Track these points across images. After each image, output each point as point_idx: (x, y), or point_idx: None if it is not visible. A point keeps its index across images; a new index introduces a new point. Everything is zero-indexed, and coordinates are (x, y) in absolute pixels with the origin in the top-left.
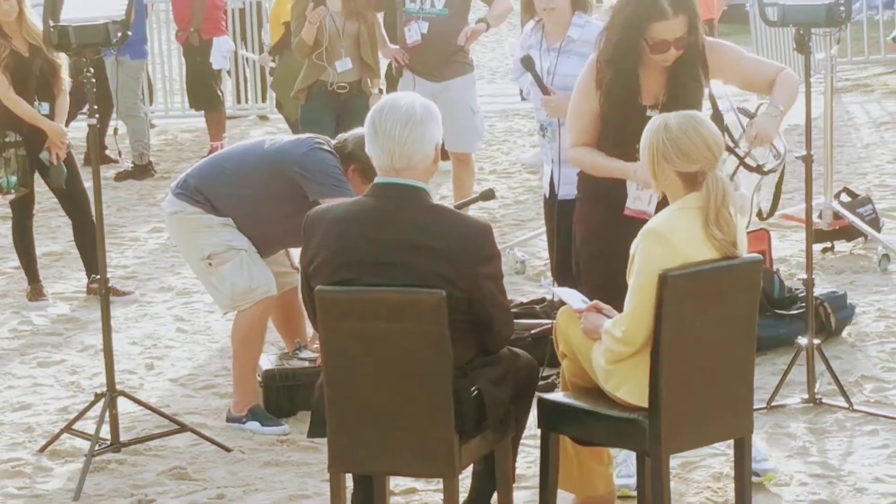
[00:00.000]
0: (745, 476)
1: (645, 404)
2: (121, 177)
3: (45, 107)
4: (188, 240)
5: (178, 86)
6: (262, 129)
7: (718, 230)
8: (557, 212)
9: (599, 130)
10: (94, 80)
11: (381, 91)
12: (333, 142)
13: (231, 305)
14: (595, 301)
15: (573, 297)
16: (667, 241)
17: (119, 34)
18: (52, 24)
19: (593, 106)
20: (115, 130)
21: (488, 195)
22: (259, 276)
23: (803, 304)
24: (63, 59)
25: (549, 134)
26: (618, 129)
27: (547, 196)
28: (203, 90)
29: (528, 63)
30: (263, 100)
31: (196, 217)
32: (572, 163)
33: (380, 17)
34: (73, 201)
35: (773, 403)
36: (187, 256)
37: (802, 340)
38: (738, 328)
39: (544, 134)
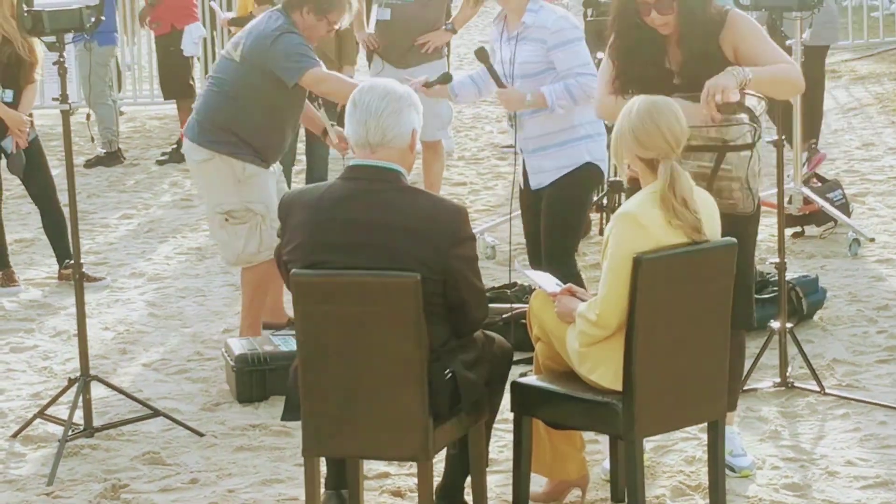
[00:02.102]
0: (718, 459)
1: (619, 387)
2: (90, 163)
3: (9, 94)
4: (212, 188)
5: (148, 73)
6: None
7: (675, 217)
8: (527, 200)
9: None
10: (66, 66)
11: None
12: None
13: (236, 263)
14: (569, 284)
15: (547, 281)
16: (639, 224)
17: (93, 19)
18: (25, 9)
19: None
20: (88, 116)
21: (447, 78)
22: (268, 242)
23: (775, 289)
24: (40, 55)
25: (517, 123)
26: (638, 84)
27: (522, 186)
28: (175, 80)
29: (482, 56)
30: None
31: (227, 166)
32: (602, 115)
33: None
34: (39, 189)
35: (745, 387)
36: (207, 201)
37: (774, 324)
38: (711, 312)
39: (512, 124)
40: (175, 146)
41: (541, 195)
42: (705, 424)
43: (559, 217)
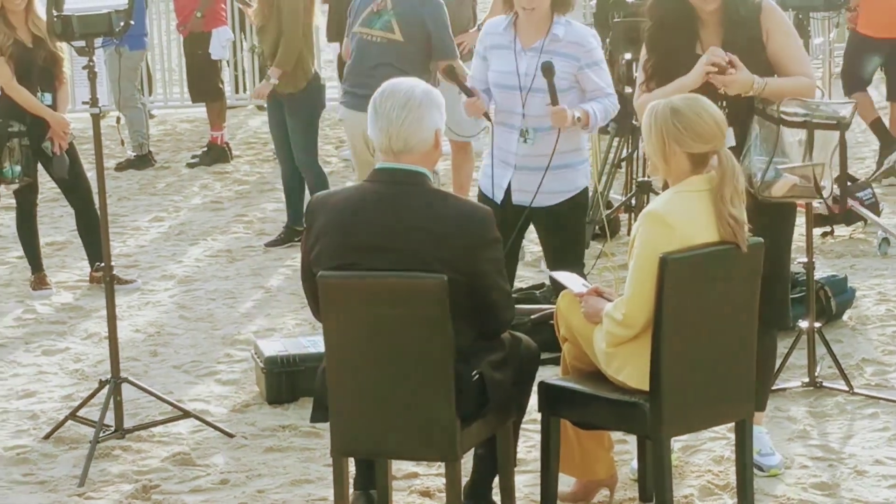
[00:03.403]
0: (746, 459)
1: (646, 387)
2: (121, 167)
3: (48, 97)
4: None
5: (178, 76)
6: (260, 118)
7: (734, 208)
8: (504, 216)
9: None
10: (96, 70)
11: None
12: None
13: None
14: (595, 285)
15: (573, 282)
16: (666, 223)
17: (122, 23)
18: (55, 13)
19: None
20: (118, 119)
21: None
22: None
23: (804, 288)
24: (65, 52)
25: (533, 138)
26: (669, 74)
27: (485, 196)
28: (204, 83)
29: (548, 71)
30: None
31: None
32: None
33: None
34: (76, 191)
35: (773, 387)
36: None
37: (803, 324)
38: (739, 311)
39: (525, 139)
40: (205, 149)
41: (522, 212)
42: (733, 424)
43: (574, 241)
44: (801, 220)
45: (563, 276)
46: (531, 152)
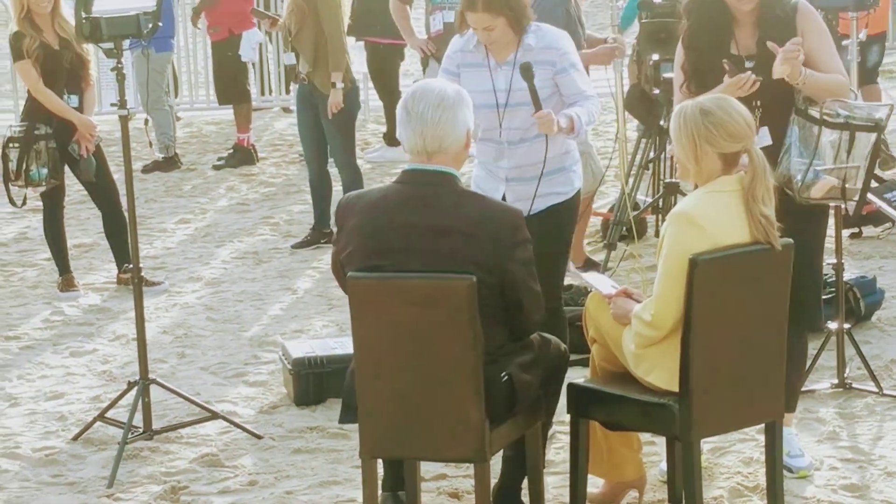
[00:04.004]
0: (776, 460)
1: (675, 389)
2: (148, 169)
3: (74, 99)
4: None
5: (204, 78)
6: (286, 120)
7: (765, 207)
8: None
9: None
10: (124, 72)
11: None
12: None
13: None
14: (624, 286)
15: (602, 283)
16: (696, 223)
17: (150, 25)
18: (84, 15)
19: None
20: (146, 122)
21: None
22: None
23: (833, 289)
24: (92, 54)
25: (506, 151)
26: (705, 75)
27: None
28: (232, 85)
29: (527, 73)
30: (287, 91)
31: None
32: None
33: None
34: (102, 193)
35: (802, 388)
36: None
37: (832, 325)
38: (769, 312)
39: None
40: (231, 151)
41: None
42: (762, 425)
43: (567, 244)
44: (830, 222)
45: (592, 277)
46: (520, 163)
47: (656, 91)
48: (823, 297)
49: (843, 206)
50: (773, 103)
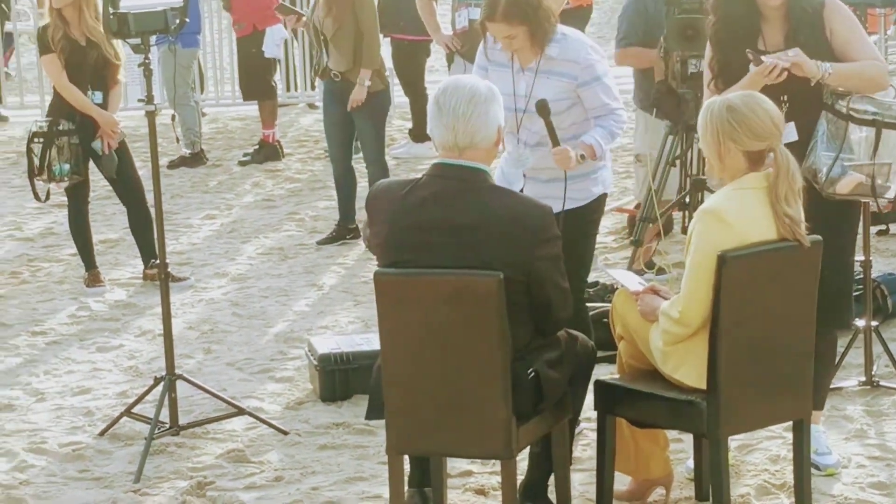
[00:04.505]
0: (803, 458)
1: (703, 386)
2: (173, 165)
3: (99, 95)
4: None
5: (229, 74)
6: (311, 116)
7: (788, 206)
8: None
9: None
10: (151, 68)
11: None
12: None
13: None
14: (652, 283)
15: (629, 279)
16: (724, 220)
17: (177, 21)
18: (111, 11)
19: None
20: (173, 117)
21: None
22: None
23: (860, 287)
24: (122, 57)
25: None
26: (732, 71)
27: None
28: (257, 81)
29: (543, 110)
30: (312, 87)
31: None
32: None
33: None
34: (127, 189)
35: (830, 386)
36: None
37: (860, 323)
38: (797, 310)
39: (522, 164)
40: (257, 147)
41: None
42: (789, 423)
43: (585, 249)
44: None
45: (620, 274)
46: (537, 164)
47: (683, 87)
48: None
49: (872, 203)
50: (800, 98)
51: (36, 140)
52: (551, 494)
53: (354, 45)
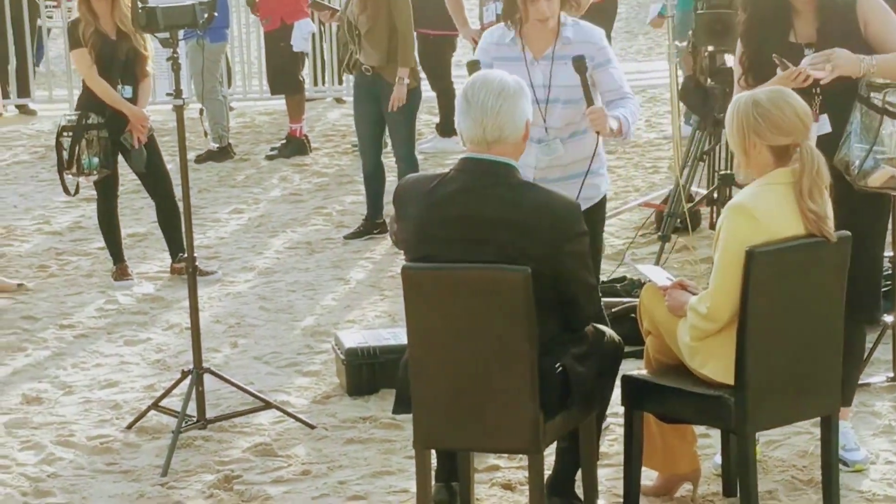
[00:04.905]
0: (831, 454)
1: (730, 381)
2: (201, 159)
3: (128, 90)
4: None
5: (257, 69)
6: (339, 110)
7: (812, 202)
8: None
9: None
10: (179, 62)
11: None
12: None
13: None
14: (680, 278)
15: (657, 274)
16: (752, 216)
17: (206, 15)
18: (140, 5)
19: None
20: (201, 111)
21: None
22: None
23: (889, 282)
24: (150, 49)
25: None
26: (762, 67)
27: None
28: (285, 75)
29: (580, 66)
30: (340, 82)
31: None
32: None
33: None
34: (156, 183)
35: (858, 382)
36: None
37: (888, 318)
38: (826, 304)
39: (550, 149)
40: (284, 141)
41: None
42: (817, 419)
43: (596, 251)
44: None
45: (648, 269)
46: (551, 163)
47: (711, 82)
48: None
49: None
50: (833, 90)
51: (65, 134)
52: (578, 490)
53: (388, 41)
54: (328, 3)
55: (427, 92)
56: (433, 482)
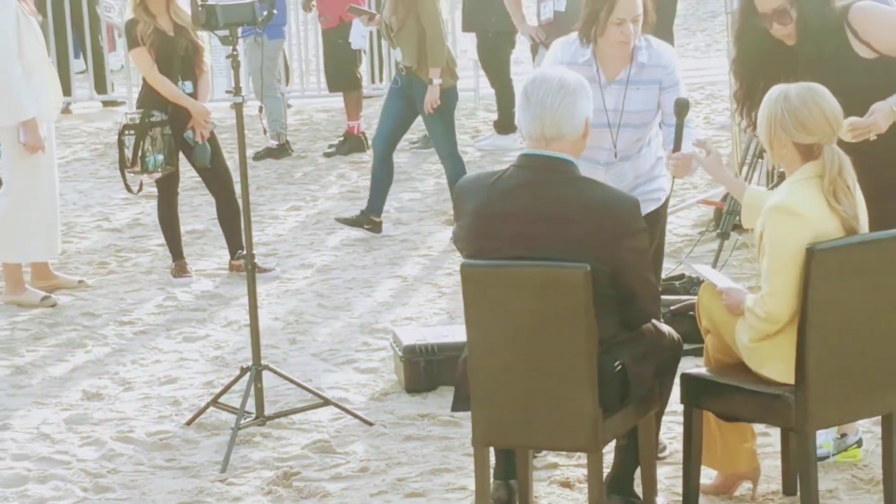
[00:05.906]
0: (892, 452)
1: (789, 381)
2: (259, 156)
3: (189, 86)
4: None
5: (314, 66)
6: None
7: (838, 203)
8: None
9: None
10: (239, 59)
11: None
12: None
13: None
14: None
15: (714, 274)
16: (795, 213)
17: (265, 12)
18: (200, 3)
19: None
20: (260, 109)
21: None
22: None
23: None
24: (205, 41)
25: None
26: (756, 102)
27: None
28: (342, 73)
29: (682, 109)
30: None
31: None
32: None
33: None
34: (217, 179)
35: None
36: None
37: None
38: (886, 302)
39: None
40: (341, 138)
41: None
42: (878, 417)
43: (658, 254)
44: None
45: (704, 269)
46: (615, 180)
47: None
48: None
49: None
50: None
51: (127, 132)
52: (637, 488)
53: (418, 42)
54: (364, 7)
55: (485, 89)
56: (492, 480)
